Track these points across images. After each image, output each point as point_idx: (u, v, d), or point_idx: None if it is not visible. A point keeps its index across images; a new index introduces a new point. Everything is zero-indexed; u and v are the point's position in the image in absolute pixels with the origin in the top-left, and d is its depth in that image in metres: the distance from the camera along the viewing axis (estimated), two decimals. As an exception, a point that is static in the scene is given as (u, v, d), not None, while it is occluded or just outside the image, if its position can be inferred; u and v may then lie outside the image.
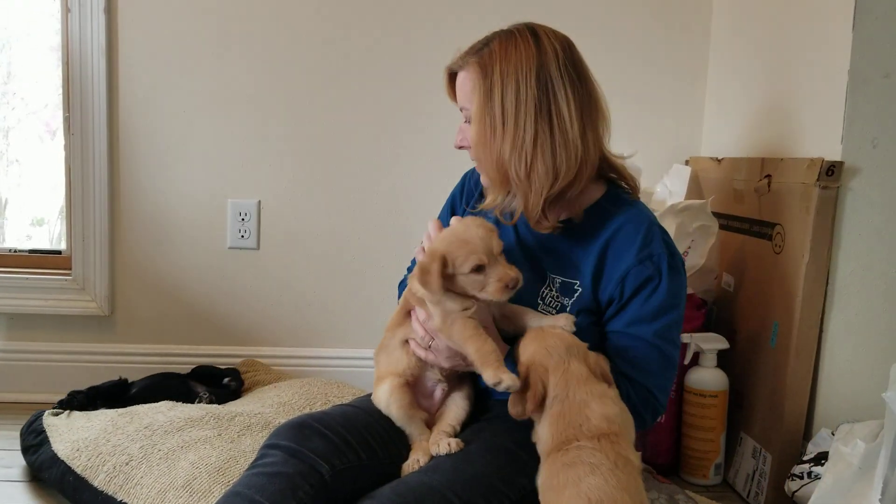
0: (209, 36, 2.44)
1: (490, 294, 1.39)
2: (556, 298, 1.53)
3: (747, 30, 2.31)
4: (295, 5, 2.44)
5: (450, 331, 1.41)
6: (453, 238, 1.42)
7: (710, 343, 2.04)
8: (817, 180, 1.77)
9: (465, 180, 1.78)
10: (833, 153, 1.79)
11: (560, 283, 1.53)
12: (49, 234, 2.69)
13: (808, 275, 1.80)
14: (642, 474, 1.83)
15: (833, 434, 1.70)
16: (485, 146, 1.47)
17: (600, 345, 1.50)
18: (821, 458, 1.69)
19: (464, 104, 1.52)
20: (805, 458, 1.75)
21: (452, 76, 1.56)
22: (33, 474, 1.92)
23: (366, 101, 2.48)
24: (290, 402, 2.12)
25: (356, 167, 2.50)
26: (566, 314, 1.46)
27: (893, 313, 1.81)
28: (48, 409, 2.08)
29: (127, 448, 1.80)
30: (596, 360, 1.37)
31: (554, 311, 1.52)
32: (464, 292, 1.41)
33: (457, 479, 1.35)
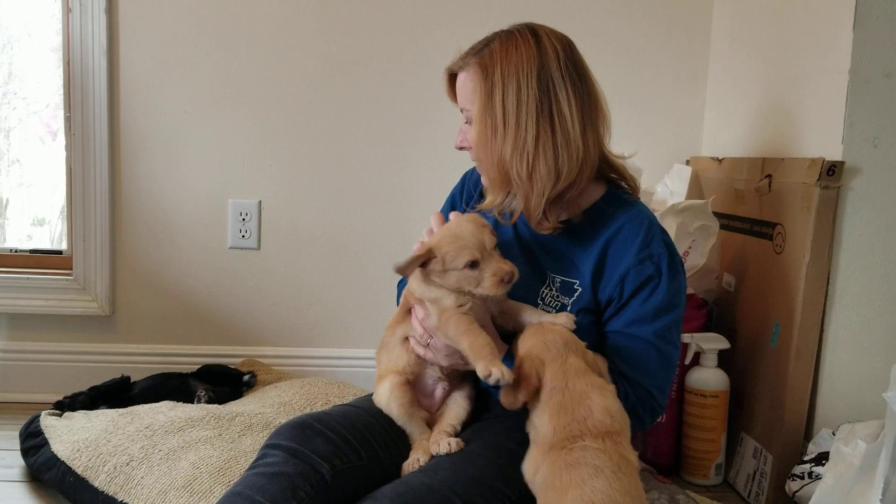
0: (210, 36, 2.44)
1: (486, 289, 1.39)
2: (556, 298, 1.53)
3: (748, 30, 2.31)
4: (296, 5, 2.44)
5: (445, 327, 1.41)
6: (446, 234, 1.43)
7: (710, 343, 2.04)
8: (818, 180, 1.77)
9: (464, 180, 1.78)
10: (834, 153, 1.79)
11: (560, 283, 1.53)
12: (50, 234, 2.69)
13: (809, 275, 1.80)
14: (643, 474, 1.84)
15: (834, 434, 1.70)
16: (486, 147, 1.47)
17: (600, 345, 1.50)
18: (822, 459, 1.69)
19: (464, 105, 1.52)
20: (806, 459, 1.75)
21: (452, 77, 1.55)
22: (33, 475, 1.92)
23: (367, 101, 2.48)
24: (290, 402, 2.12)
25: (357, 167, 2.50)
26: (566, 313, 1.46)
27: (894, 313, 1.81)
28: (45, 411, 2.07)
29: (127, 448, 1.80)
30: (594, 358, 1.37)
31: (554, 310, 1.52)
32: (459, 289, 1.41)
33: (457, 479, 1.36)
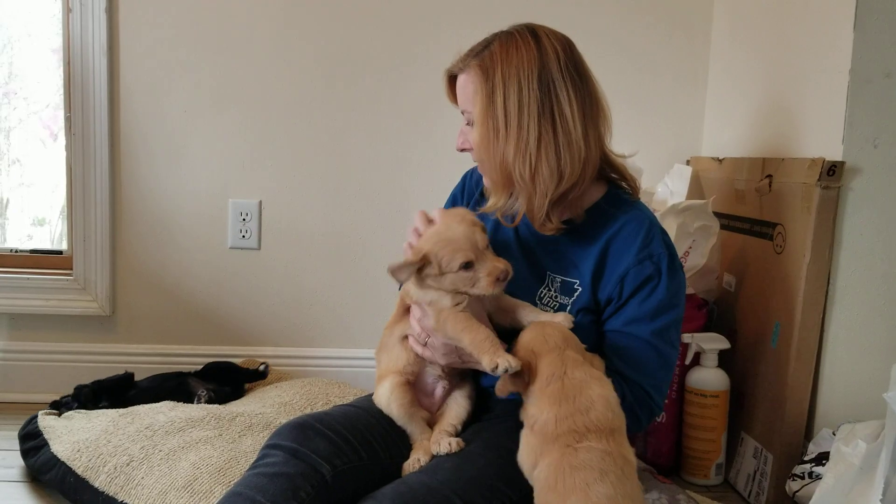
0: (210, 36, 2.44)
1: (482, 289, 1.40)
2: (554, 298, 1.53)
3: (748, 30, 2.31)
4: (296, 5, 2.44)
5: (444, 327, 1.42)
6: (438, 238, 1.42)
7: (711, 343, 2.04)
8: (818, 180, 1.76)
9: (465, 180, 1.78)
10: (834, 153, 1.79)
11: (560, 283, 1.53)
12: (50, 235, 2.69)
13: (810, 275, 1.80)
14: (643, 475, 1.84)
15: (834, 434, 1.70)
16: (488, 149, 1.46)
17: (600, 345, 1.50)
18: (822, 459, 1.69)
19: (465, 107, 1.51)
20: (806, 459, 1.75)
21: (452, 79, 1.55)
22: (33, 476, 1.92)
23: (367, 101, 2.48)
24: (291, 403, 2.12)
25: (358, 167, 2.50)
26: (564, 313, 1.46)
27: (894, 313, 1.81)
28: (41, 411, 2.07)
29: (128, 449, 1.80)
30: (591, 357, 1.37)
31: (551, 310, 1.51)
32: (455, 289, 1.41)
33: (457, 479, 1.36)
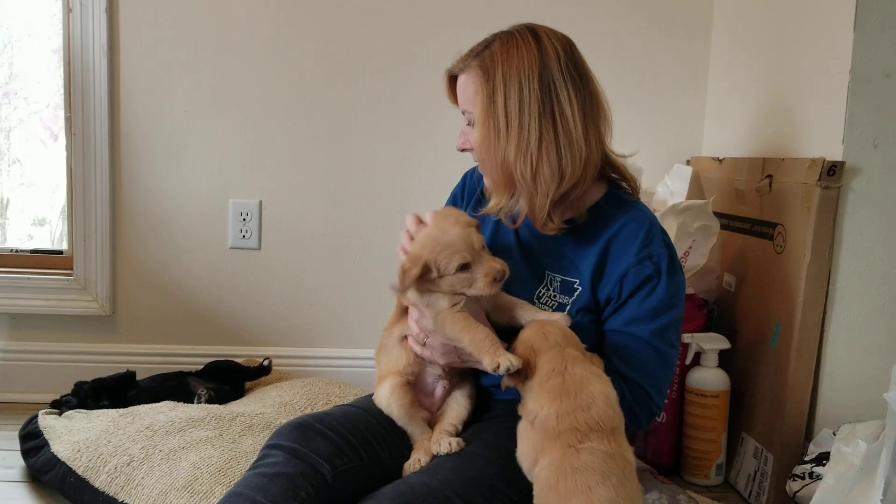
0: (211, 36, 2.44)
1: (479, 289, 1.40)
2: (552, 297, 1.53)
3: (748, 30, 2.31)
4: (296, 5, 2.44)
5: (443, 328, 1.42)
6: (434, 242, 1.41)
7: (711, 343, 2.04)
8: (818, 180, 1.77)
9: (465, 180, 1.78)
10: (834, 153, 1.79)
11: (560, 282, 1.53)
12: (50, 234, 2.69)
13: (810, 275, 1.80)
14: (643, 475, 1.84)
15: (834, 434, 1.70)
16: (489, 149, 1.46)
17: (600, 344, 1.50)
18: (822, 459, 1.69)
19: (466, 107, 1.51)
20: (806, 459, 1.75)
21: (453, 79, 1.55)
22: (34, 476, 1.92)
23: (367, 101, 2.48)
24: (291, 403, 2.12)
25: (358, 167, 2.50)
26: (562, 313, 1.46)
27: (894, 313, 1.81)
28: (41, 411, 2.07)
29: (128, 449, 1.80)
30: (591, 356, 1.37)
31: (549, 309, 1.51)
32: (452, 291, 1.42)
33: (458, 479, 1.36)
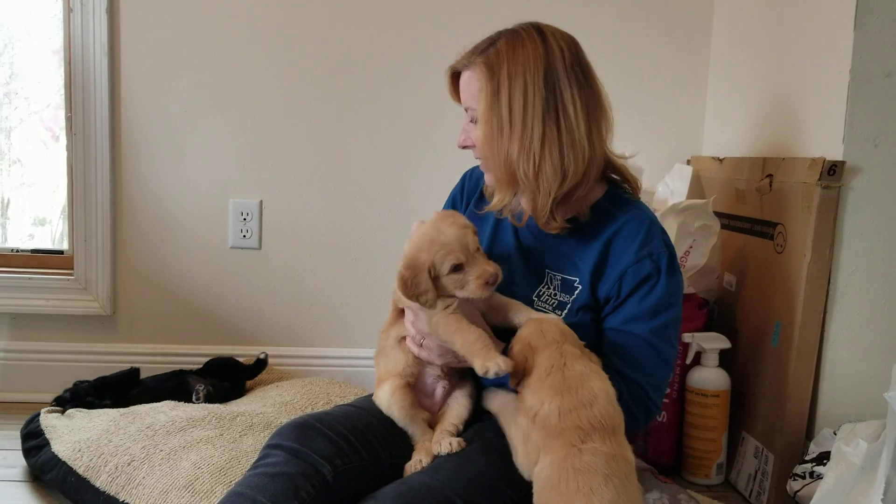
0: (211, 36, 2.44)
1: (471, 292, 1.40)
2: (553, 296, 1.53)
3: (748, 30, 2.30)
4: (297, 5, 2.44)
5: (437, 330, 1.42)
6: (428, 242, 1.41)
7: (711, 343, 2.04)
8: (819, 180, 1.76)
9: (464, 180, 1.78)
10: (834, 153, 1.79)
11: (560, 281, 1.53)
12: (51, 234, 2.69)
13: (810, 274, 1.80)
14: (644, 474, 1.84)
15: (835, 434, 1.70)
16: (492, 146, 1.46)
17: (599, 342, 1.50)
18: (823, 458, 1.69)
19: (469, 104, 1.51)
20: (807, 458, 1.75)
21: (455, 76, 1.55)
22: (35, 475, 1.93)
23: (368, 101, 2.48)
24: (291, 402, 2.12)
25: (358, 167, 2.50)
26: (556, 315, 1.46)
27: (895, 313, 1.81)
28: (44, 409, 2.07)
29: (129, 448, 1.80)
30: (588, 353, 1.37)
31: (550, 308, 1.52)
32: (445, 292, 1.42)
33: (459, 480, 1.36)
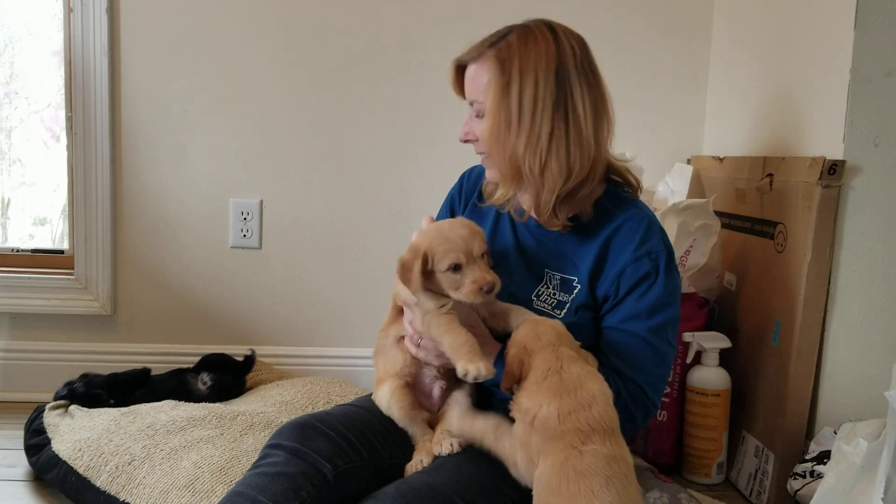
0: (211, 35, 2.44)
1: (464, 295, 1.39)
2: (552, 296, 1.53)
3: (749, 29, 2.30)
4: (297, 5, 2.44)
5: (428, 328, 1.42)
6: (436, 235, 1.42)
7: (712, 342, 2.04)
8: (819, 179, 1.76)
9: (462, 180, 1.77)
10: (835, 152, 1.79)
11: (560, 280, 1.53)
12: (51, 234, 2.69)
13: (810, 273, 1.80)
14: (644, 474, 1.84)
15: (836, 433, 1.70)
16: (498, 141, 1.45)
17: (598, 341, 1.50)
18: (823, 457, 1.69)
19: (475, 97, 1.49)
20: (808, 457, 1.75)
21: (460, 69, 1.53)
22: (36, 474, 1.93)
23: (368, 99, 2.48)
24: (292, 402, 2.12)
25: (358, 166, 2.50)
26: (552, 317, 1.46)
27: (895, 312, 1.80)
28: (49, 404, 2.08)
29: (129, 448, 1.80)
30: (585, 354, 1.36)
31: (549, 307, 1.52)
32: (440, 290, 1.42)
33: (460, 479, 1.36)
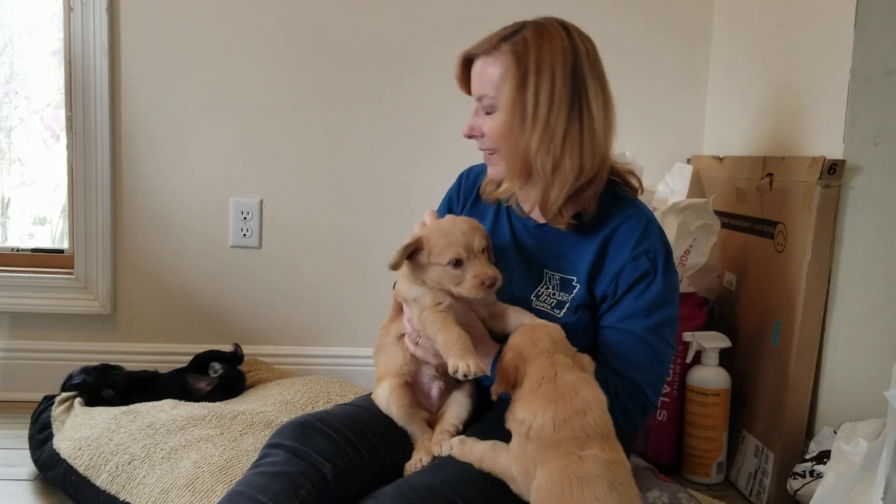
0: (211, 35, 2.44)
1: (465, 290, 1.39)
2: (552, 295, 1.52)
3: (749, 29, 2.30)
4: (297, 4, 2.44)
5: (424, 325, 1.42)
6: (437, 228, 1.43)
7: (712, 342, 2.04)
8: (819, 179, 1.77)
9: (461, 180, 1.76)
10: (835, 151, 1.79)
11: (559, 280, 1.53)
12: (51, 233, 2.69)
13: (810, 273, 1.80)
14: (644, 473, 1.84)
15: (835, 432, 1.70)
16: (511, 137, 1.44)
17: (597, 341, 1.50)
18: (823, 457, 1.69)
19: (485, 92, 1.46)
20: (807, 457, 1.75)
21: (466, 63, 1.51)
22: (37, 471, 1.93)
23: (369, 99, 2.48)
24: (292, 401, 2.12)
25: (358, 166, 2.50)
26: (554, 324, 1.45)
27: (895, 312, 1.81)
28: (58, 396, 2.09)
29: (129, 447, 1.80)
30: (581, 359, 1.36)
31: (549, 307, 1.51)
32: (440, 286, 1.42)
33: (459, 479, 1.35)
